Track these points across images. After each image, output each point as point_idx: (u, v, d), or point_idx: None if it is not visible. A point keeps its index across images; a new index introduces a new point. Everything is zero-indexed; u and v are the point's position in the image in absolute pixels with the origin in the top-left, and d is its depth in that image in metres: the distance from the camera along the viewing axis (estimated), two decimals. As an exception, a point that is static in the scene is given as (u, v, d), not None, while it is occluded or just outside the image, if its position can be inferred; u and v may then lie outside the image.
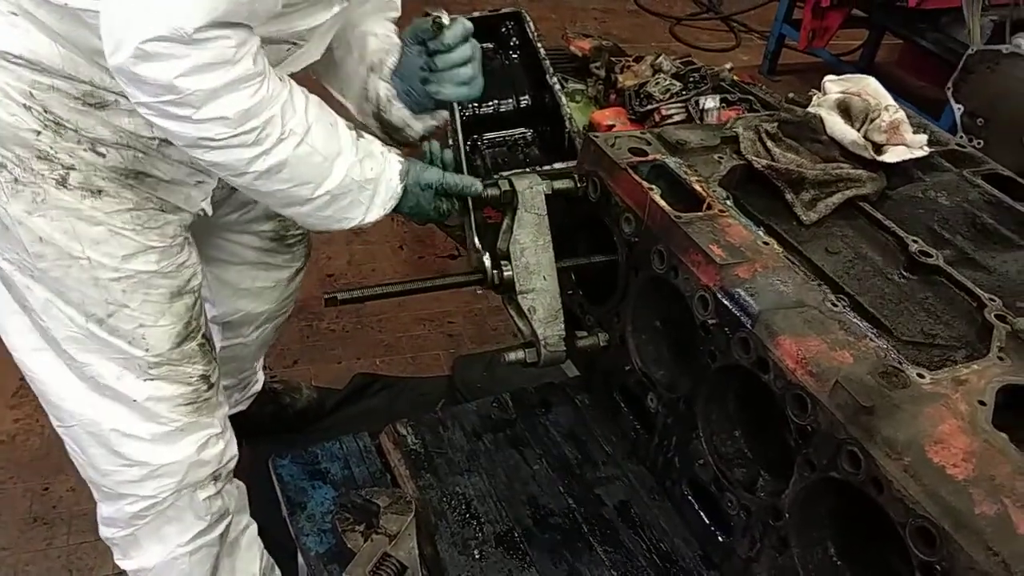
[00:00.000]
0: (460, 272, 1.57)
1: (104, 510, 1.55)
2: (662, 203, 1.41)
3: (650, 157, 1.54)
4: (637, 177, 1.47)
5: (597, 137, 1.58)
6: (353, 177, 1.27)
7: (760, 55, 5.01)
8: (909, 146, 1.56)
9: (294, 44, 1.31)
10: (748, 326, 1.24)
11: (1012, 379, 1.14)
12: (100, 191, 1.27)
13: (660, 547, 1.46)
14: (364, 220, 1.33)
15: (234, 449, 1.59)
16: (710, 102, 3.51)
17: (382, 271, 3.27)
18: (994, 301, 1.29)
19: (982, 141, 2.76)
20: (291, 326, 3.09)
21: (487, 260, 1.49)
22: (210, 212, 1.48)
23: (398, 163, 1.35)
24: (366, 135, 1.33)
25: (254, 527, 1.77)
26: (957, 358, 1.26)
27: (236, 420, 2.24)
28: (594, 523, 1.49)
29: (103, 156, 1.26)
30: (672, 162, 1.53)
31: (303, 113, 1.20)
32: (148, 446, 1.43)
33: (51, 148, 1.22)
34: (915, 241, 1.42)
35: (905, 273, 1.41)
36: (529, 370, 1.55)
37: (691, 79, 3.75)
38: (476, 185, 1.44)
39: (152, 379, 1.39)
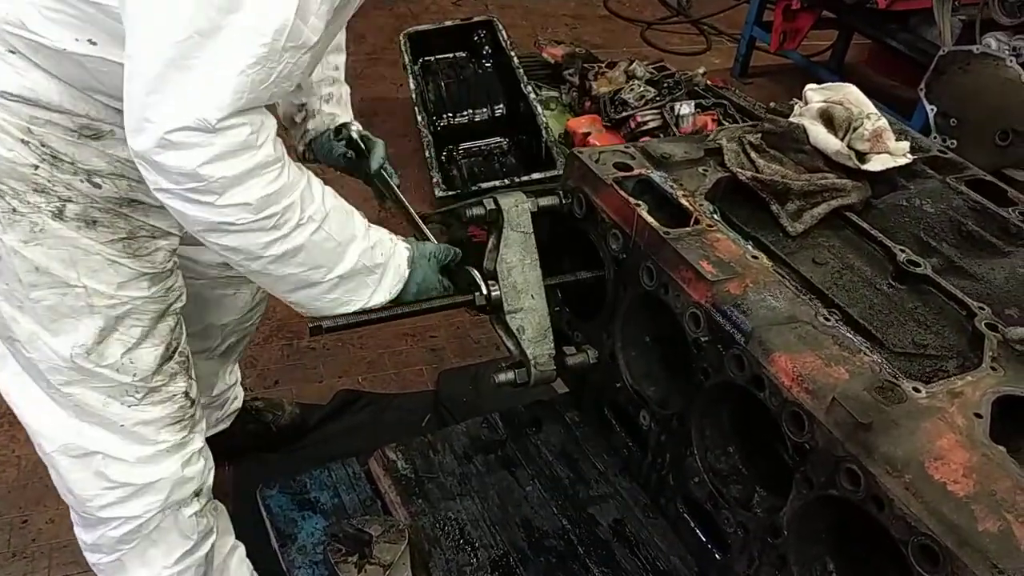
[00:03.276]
0: (447, 295, 1.54)
1: (86, 536, 1.54)
2: (650, 219, 1.40)
3: (635, 172, 1.53)
4: (623, 193, 1.46)
5: (581, 153, 1.56)
6: (364, 262, 1.30)
7: (731, 58, 5.04)
8: (892, 154, 1.57)
9: None
10: (742, 343, 1.23)
11: (1007, 390, 1.14)
12: (95, 221, 1.28)
13: (656, 566, 1.45)
14: (369, 302, 1.35)
15: (211, 463, 1.59)
16: (685, 108, 3.52)
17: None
18: (984, 309, 1.29)
19: (955, 141, 2.79)
20: (271, 346, 3.04)
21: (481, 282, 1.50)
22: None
23: (406, 249, 1.40)
24: (374, 226, 1.37)
25: (241, 549, 1.74)
26: (949, 368, 1.27)
27: (218, 439, 2.20)
28: (589, 544, 1.48)
29: (99, 187, 1.27)
30: (657, 176, 1.52)
31: (321, 200, 1.22)
32: (133, 468, 1.43)
33: (48, 181, 1.22)
34: (902, 250, 1.42)
35: (894, 283, 1.42)
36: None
37: (665, 85, 3.76)
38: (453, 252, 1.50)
39: (139, 403, 1.39)
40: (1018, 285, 1.38)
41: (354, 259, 1.28)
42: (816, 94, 1.68)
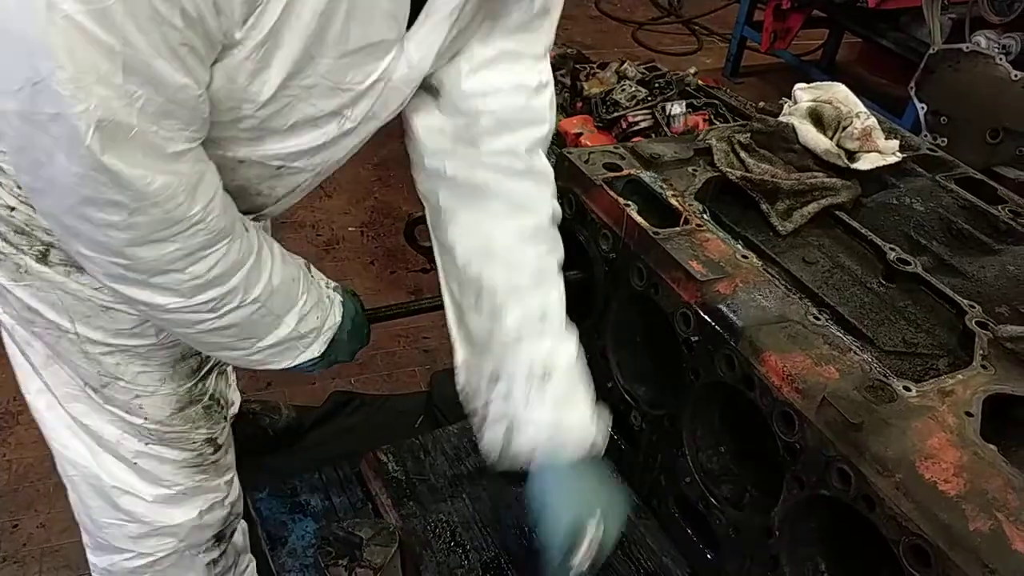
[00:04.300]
0: (438, 295, 1.53)
1: (98, 560, 1.46)
2: (639, 219, 1.40)
3: (625, 172, 1.52)
4: (613, 193, 1.45)
5: (571, 153, 1.56)
6: (298, 330, 1.15)
7: (722, 58, 5.04)
8: (882, 152, 1.57)
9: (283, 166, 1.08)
10: (732, 343, 1.22)
11: (997, 388, 1.14)
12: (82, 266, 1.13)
13: (648, 567, 1.44)
14: (292, 364, 1.19)
15: (240, 507, 1.47)
16: (676, 108, 3.52)
17: (354, 288, 3.22)
18: (974, 308, 1.29)
19: (946, 139, 2.79)
20: (262, 348, 3.01)
21: None
22: None
23: (340, 306, 1.24)
24: (314, 270, 1.22)
25: (253, 564, 1.69)
26: (940, 367, 1.26)
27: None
28: (582, 545, 1.47)
29: None
30: (647, 176, 1.52)
31: (268, 277, 1.06)
32: (150, 506, 1.35)
33: (26, 225, 1.09)
34: (892, 249, 1.41)
35: (884, 282, 1.41)
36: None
37: (656, 85, 3.76)
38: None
39: (152, 443, 1.29)
40: (1008, 283, 1.38)
41: (288, 328, 1.13)
42: (805, 93, 1.68)
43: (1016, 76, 2.60)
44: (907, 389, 1.12)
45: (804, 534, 1.20)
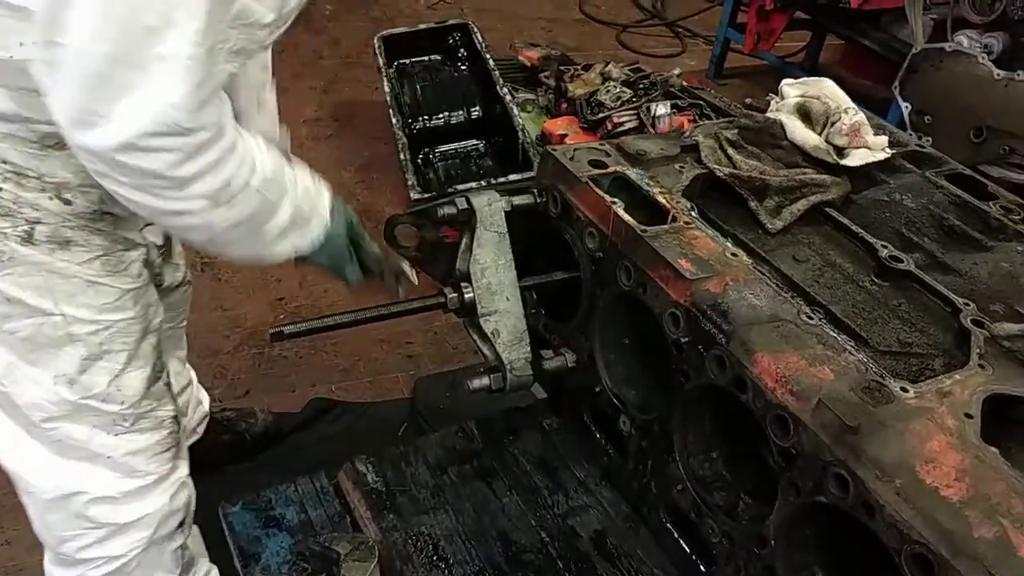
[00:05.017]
0: (416, 297, 1.48)
1: (61, 575, 1.44)
2: (627, 217, 1.35)
3: (611, 169, 1.48)
4: (599, 191, 1.41)
5: (556, 150, 1.51)
6: (299, 210, 1.26)
7: (706, 60, 5.03)
8: (871, 148, 1.54)
9: None
10: (723, 343, 1.18)
11: (996, 388, 1.10)
12: (68, 241, 1.19)
13: (639, 578, 1.40)
14: (303, 243, 1.30)
15: (193, 489, 1.52)
16: (661, 108, 3.49)
17: (336, 291, 3.16)
18: (969, 306, 1.26)
19: (930, 138, 2.78)
20: (240, 355, 2.96)
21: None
22: (160, 243, 1.43)
23: (328, 191, 1.35)
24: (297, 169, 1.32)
25: (215, 572, 1.66)
26: (936, 366, 1.23)
27: (190, 452, 2.12)
28: (569, 558, 1.42)
29: (69, 203, 1.18)
30: (634, 174, 1.48)
31: (262, 168, 1.17)
32: (119, 505, 1.36)
33: (14, 203, 1.13)
34: (884, 246, 1.38)
35: (876, 279, 1.38)
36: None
37: (641, 86, 3.73)
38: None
39: (127, 431, 1.32)
40: (1002, 280, 1.34)
41: (287, 213, 1.24)
42: (792, 89, 1.64)
43: (999, 75, 2.59)
44: (904, 390, 1.08)
45: (800, 542, 1.16)
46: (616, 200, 1.40)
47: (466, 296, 1.44)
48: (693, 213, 1.41)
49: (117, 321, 1.27)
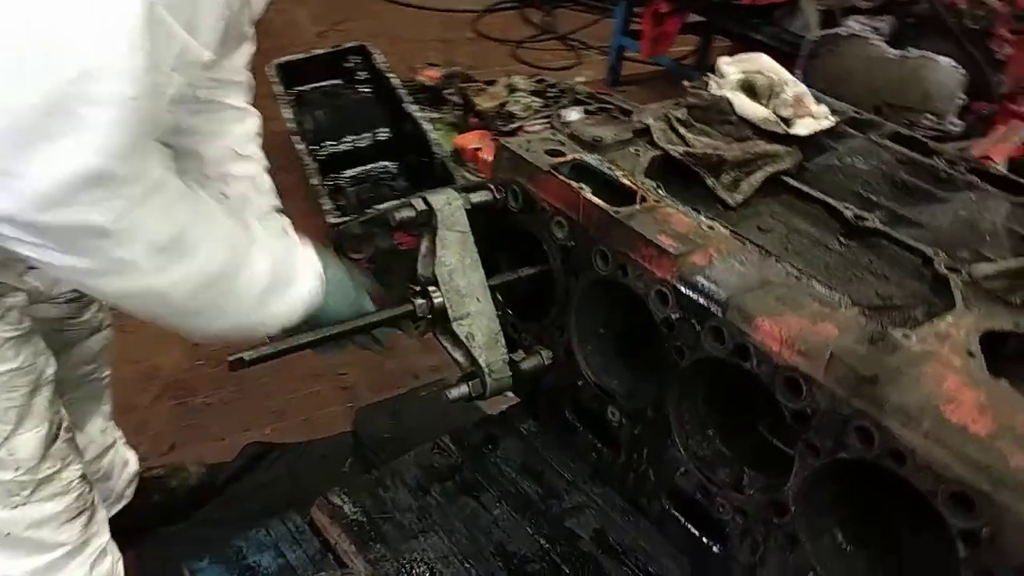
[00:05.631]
0: (383, 308, 1.39)
1: None
2: (597, 201, 1.31)
3: (570, 157, 1.44)
4: (564, 178, 1.36)
5: (510, 143, 1.46)
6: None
7: (602, 70, 5.14)
8: (815, 117, 1.56)
9: None
10: (719, 314, 1.15)
11: (988, 325, 1.11)
12: None
13: (648, 570, 1.34)
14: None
15: (119, 554, 1.40)
16: (573, 114, 3.53)
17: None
18: (939, 255, 1.28)
19: (836, 119, 2.91)
20: (160, 407, 2.75)
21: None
22: (43, 288, 1.29)
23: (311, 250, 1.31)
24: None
25: None
26: (919, 316, 1.23)
27: (120, 518, 1.92)
28: (574, 560, 1.35)
29: None
30: (593, 159, 1.44)
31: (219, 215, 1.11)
32: None
33: None
34: (847, 208, 1.39)
35: (844, 240, 1.39)
36: (439, 408, 1.41)
37: (549, 94, 3.77)
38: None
39: (28, 503, 1.17)
40: (963, 227, 1.38)
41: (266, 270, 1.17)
42: (731, 67, 1.66)
43: (893, 55, 2.74)
44: (906, 337, 1.07)
45: (820, 505, 1.13)
46: (583, 186, 1.35)
47: (435, 301, 1.36)
48: (661, 191, 1.38)
49: (1, 374, 1.13)
